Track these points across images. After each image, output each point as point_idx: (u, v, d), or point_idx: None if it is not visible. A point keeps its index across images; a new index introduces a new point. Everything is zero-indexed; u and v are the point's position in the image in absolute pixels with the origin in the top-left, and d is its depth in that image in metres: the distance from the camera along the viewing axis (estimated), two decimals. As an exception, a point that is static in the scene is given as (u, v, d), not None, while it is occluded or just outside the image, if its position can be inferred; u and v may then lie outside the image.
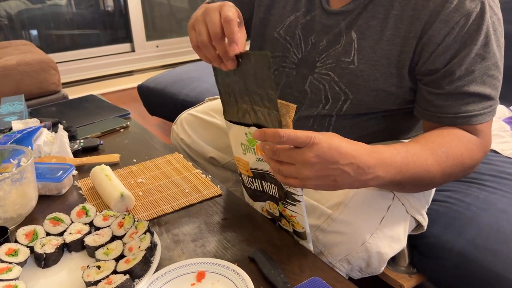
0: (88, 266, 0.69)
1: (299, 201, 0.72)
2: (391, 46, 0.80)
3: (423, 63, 0.79)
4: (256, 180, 0.81)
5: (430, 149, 0.75)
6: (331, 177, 0.65)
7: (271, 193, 0.79)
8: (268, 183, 0.78)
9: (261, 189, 0.82)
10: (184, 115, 1.30)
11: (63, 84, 2.29)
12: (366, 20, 0.82)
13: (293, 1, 0.93)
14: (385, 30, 0.80)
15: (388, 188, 0.81)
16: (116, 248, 0.73)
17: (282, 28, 0.93)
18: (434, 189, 0.98)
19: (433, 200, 0.98)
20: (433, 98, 0.80)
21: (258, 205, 0.86)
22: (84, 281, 0.66)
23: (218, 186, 0.97)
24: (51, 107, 1.68)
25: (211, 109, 1.27)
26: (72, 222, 0.81)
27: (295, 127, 0.77)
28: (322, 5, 0.88)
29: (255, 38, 1.00)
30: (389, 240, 0.82)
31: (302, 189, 0.71)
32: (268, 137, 0.64)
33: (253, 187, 0.84)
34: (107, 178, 0.93)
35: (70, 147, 1.13)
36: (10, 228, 0.78)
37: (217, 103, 1.28)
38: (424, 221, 0.89)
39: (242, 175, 0.86)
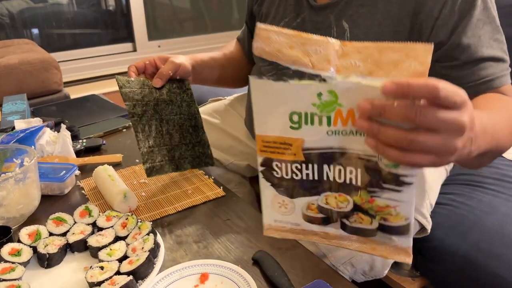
0: (91, 266, 0.69)
1: (409, 184, 0.53)
2: (383, 28, 0.81)
3: (427, 39, 0.79)
4: (311, 165, 0.59)
5: (497, 112, 0.68)
6: (465, 149, 0.51)
7: (341, 181, 0.58)
8: (340, 167, 0.57)
9: (316, 178, 0.59)
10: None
11: (64, 83, 2.28)
12: (356, 9, 0.83)
13: (282, 10, 0.94)
14: (376, 14, 0.81)
15: (473, 161, 0.65)
16: (119, 248, 0.73)
17: None
18: (438, 192, 0.98)
19: (436, 203, 0.98)
20: (449, 72, 0.80)
21: (299, 203, 0.62)
22: (87, 282, 0.66)
23: (221, 187, 0.97)
24: (53, 106, 1.68)
25: (213, 110, 1.27)
26: (75, 222, 0.81)
27: None
28: (309, 3, 0.88)
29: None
30: (393, 243, 0.81)
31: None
32: (414, 92, 0.45)
33: (298, 177, 0.60)
34: (110, 179, 0.93)
35: (72, 147, 1.13)
36: (13, 228, 0.78)
37: (219, 104, 1.28)
38: (428, 224, 0.89)
39: (274, 163, 0.61)
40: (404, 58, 0.49)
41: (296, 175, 0.60)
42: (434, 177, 0.96)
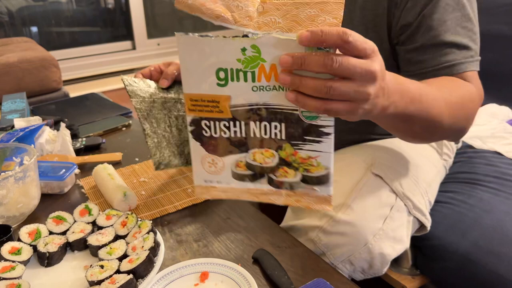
0: (91, 265, 0.69)
1: (328, 134, 0.57)
2: (364, 12, 0.82)
3: (397, 22, 0.80)
4: (238, 122, 0.61)
5: (436, 87, 0.71)
6: (377, 98, 0.55)
7: (267, 136, 0.61)
8: (265, 123, 0.60)
9: (243, 135, 0.62)
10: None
11: (64, 81, 2.28)
12: None
13: None
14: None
15: (398, 122, 0.69)
16: (119, 247, 0.73)
17: None
18: (437, 190, 0.98)
19: (436, 201, 0.98)
20: (410, 56, 0.81)
21: (228, 161, 0.65)
22: (88, 281, 0.65)
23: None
24: (52, 105, 1.68)
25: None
26: (75, 221, 0.81)
27: None
28: None
29: None
30: (392, 241, 0.82)
31: (334, 118, 0.57)
32: (327, 38, 0.50)
33: (226, 135, 0.63)
34: (110, 177, 0.93)
35: (72, 145, 1.13)
36: (13, 227, 0.78)
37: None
38: (428, 222, 0.89)
39: (203, 122, 0.63)
40: (319, 12, 0.52)
41: (225, 133, 0.62)
42: (433, 175, 0.96)
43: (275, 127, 0.59)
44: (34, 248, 0.74)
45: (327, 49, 0.52)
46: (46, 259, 0.72)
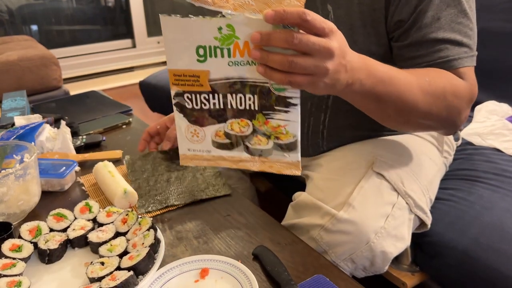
0: (92, 262, 0.69)
1: (295, 105, 0.64)
2: (362, 7, 0.83)
3: (391, 17, 0.81)
4: (217, 95, 0.67)
5: (414, 74, 0.75)
6: (338, 73, 0.61)
7: (242, 107, 0.67)
8: (240, 95, 0.66)
9: (221, 107, 0.68)
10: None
11: (64, 79, 2.28)
12: None
13: None
14: None
15: (369, 103, 0.73)
16: (119, 244, 0.73)
17: None
18: (437, 187, 0.98)
19: (436, 199, 0.98)
20: (404, 52, 0.81)
21: (209, 131, 0.71)
22: (88, 277, 0.66)
23: (224, 185, 0.96)
24: (52, 103, 1.68)
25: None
26: (76, 218, 0.81)
27: None
28: None
29: None
30: (393, 239, 0.82)
31: (299, 91, 0.63)
32: (288, 16, 0.56)
33: (206, 107, 0.69)
34: (110, 175, 0.93)
35: (72, 143, 1.13)
36: (13, 224, 0.78)
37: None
38: (428, 219, 0.89)
39: (186, 95, 0.69)
40: None
41: (205, 104, 0.69)
42: (434, 173, 0.96)
43: (249, 99, 0.66)
44: (35, 245, 0.74)
45: (292, 28, 0.58)
46: (46, 256, 0.72)
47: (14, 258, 0.70)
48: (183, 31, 0.63)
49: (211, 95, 0.67)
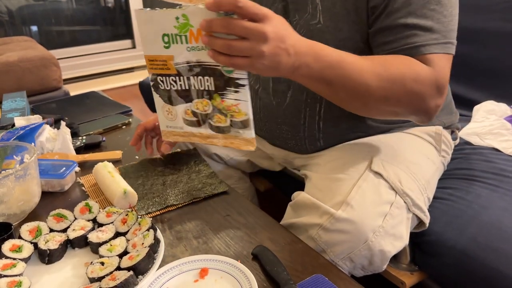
0: (91, 262, 0.69)
1: (243, 85, 0.71)
2: None
3: (367, 2, 0.82)
4: (182, 77, 0.77)
5: (370, 60, 0.77)
6: (278, 56, 0.67)
7: (202, 88, 0.75)
8: (200, 77, 0.74)
9: (187, 88, 0.77)
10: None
11: (64, 80, 2.28)
12: None
13: None
14: None
15: (320, 86, 0.77)
16: (119, 244, 0.73)
17: None
18: (435, 186, 0.98)
19: (434, 198, 0.98)
20: (377, 38, 0.83)
21: (179, 109, 0.81)
22: (88, 277, 0.66)
23: (222, 183, 0.97)
24: (52, 103, 1.69)
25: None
26: (76, 218, 0.81)
27: (289, 103, 0.87)
28: None
29: None
30: (391, 238, 0.82)
31: (247, 73, 0.70)
32: (223, 3, 0.64)
33: (175, 88, 0.79)
34: (110, 175, 0.93)
35: (72, 143, 1.13)
36: (13, 224, 0.79)
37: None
38: (426, 218, 0.89)
39: (158, 77, 0.79)
40: None
41: (173, 86, 0.78)
42: (432, 172, 0.96)
43: (207, 80, 0.74)
44: (35, 245, 0.75)
45: (232, 14, 0.65)
46: (47, 257, 0.73)
47: (14, 259, 0.71)
48: (152, 22, 0.73)
49: (177, 77, 0.77)
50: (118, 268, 0.67)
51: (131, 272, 0.64)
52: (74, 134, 1.23)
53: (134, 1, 3.39)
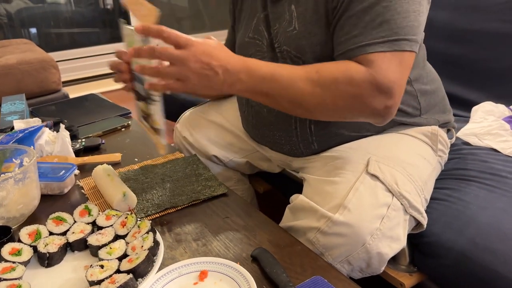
0: (91, 265, 0.69)
1: (155, 101, 0.83)
2: (316, 1, 0.86)
3: (330, 4, 0.83)
4: (135, 80, 0.87)
5: (303, 69, 0.81)
6: (206, 77, 0.75)
7: (141, 93, 0.86)
8: (138, 83, 0.86)
9: (136, 90, 0.88)
10: (187, 114, 1.31)
11: (63, 82, 2.28)
12: None
13: (253, 6, 1.02)
14: None
15: (260, 98, 0.83)
16: (119, 247, 0.74)
17: (250, 31, 1.02)
18: (432, 187, 0.98)
19: (433, 199, 0.99)
20: (333, 38, 0.84)
21: (137, 106, 0.92)
22: (88, 280, 0.66)
23: (221, 185, 0.97)
24: (51, 106, 1.69)
25: (214, 108, 1.27)
26: (75, 221, 0.82)
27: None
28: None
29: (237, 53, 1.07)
30: (389, 240, 0.82)
31: (160, 94, 0.81)
32: (151, 31, 0.73)
33: (135, 88, 0.89)
34: (109, 178, 0.94)
35: (71, 146, 1.14)
36: (13, 228, 0.79)
37: (219, 103, 1.29)
38: (424, 219, 0.90)
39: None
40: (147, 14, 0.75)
41: (134, 86, 0.88)
42: (429, 173, 0.96)
43: (140, 88, 0.84)
44: (35, 248, 0.75)
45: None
46: (46, 260, 0.73)
47: (13, 262, 0.71)
48: (125, 35, 0.85)
49: (134, 81, 0.87)
50: (118, 271, 0.67)
51: (131, 275, 0.65)
52: (73, 137, 1.23)
53: (133, 3, 3.40)
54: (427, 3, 0.84)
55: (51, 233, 0.79)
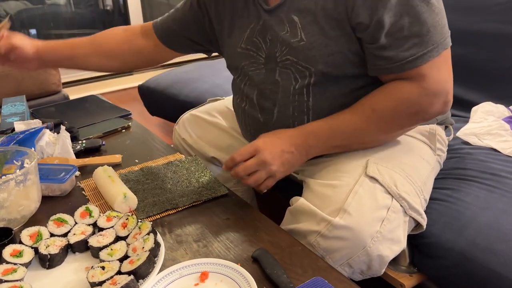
0: (92, 266, 0.70)
1: None
2: (326, 12, 0.85)
3: (349, 17, 0.83)
4: None
5: (355, 110, 0.88)
6: (287, 161, 0.87)
7: None
8: None
9: None
10: (186, 115, 1.31)
11: (63, 84, 2.28)
12: (300, 1, 0.88)
13: (247, 18, 0.99)
14: (318, 1, 0.86)
15: (333, 151, 0.92)
16: (120, 248, 0.74)
17: (242, 42, 1.00)
18: (431, 187, 0.98)
19: (433, 199, 0.99)
20: (378, 52, 0.85)
21: None
22: (89, 282, 0.66)
23: (221, 187, 0.97)
24: (52, 107, 1.69)
25: (213, 109, 1.27)
26: (76, 223, 0.82)
27: (277, 119, 0.96)
28: (263, 8, 0.95)
29: (228, 63, 1.10)
30: (389, 242, 0.82)
31: None
32: (229, 165, 0.89)
33: None
34: (110, 179, 0.94)
35: (72, 148, 1.14)
36: (14, 229, 0.79)
37: (219, 104, 1.29)
38: (423, 220, 0.90)
39: None
40: None
41: None
42: (428, 173, 0.96)
43: None
44: (36, 250, 0.75)
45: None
46: (47, 261, 0.73)
47: (15, 264, 0.71)
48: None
49: None
50: (119, 273, 0.68)
51: (132, 277, 0.65)
52: (74, 138, 1.24)
53: (133, 4, 3.40)
54: None
55: (52, 235, 0.79)
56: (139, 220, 0.79)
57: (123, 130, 1.37)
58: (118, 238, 0.77)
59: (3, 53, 1.03)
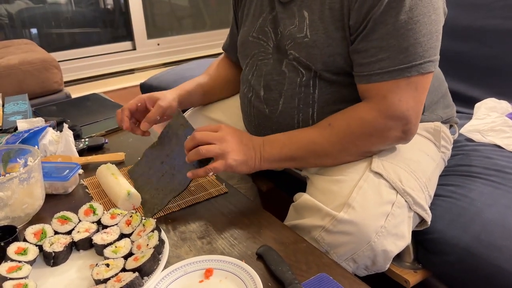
0: (97, 264, 0.69)
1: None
2: (333, 13, 0.85)
3: (348, 20, 0.83)
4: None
5: (315, 126, 0.89)
6: (242, 150, 0.86)
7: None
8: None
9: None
10: (189, 112, 1.31)
11: (65, 82, 2.28)
12: None
13: (259, 7, 1.02)
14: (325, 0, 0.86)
15: (288, 164, 0.91)
16: (124, 246, 0.74)
17: (254, 31, 1.02)
18: (436, 183, 0.98)
19: (437, 195, 0.98)
20: (355, 57, 0.85)
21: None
22: (94, 279, 0.66)
23: (224, 184, 0.97)
24: (54, 106, 1.69)
25: (215, 106, 1.27)
26: (80, 220, 0.82)
27: (282, 110, 0.97)
28: (279, 0, 0.96)
29: (239, 51, 1.11)
30: (394, 237, 0.82)
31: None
32: (189, 146, 0.87)
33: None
34: (114, 177, 0.94)
35: (75, 146, 1.14)
36: (18, 227, 0.79)
37: (221, 101, 1.29)
38: (428, 216, 0.90)
39: None
40: None
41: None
42: (432, 169, 0.96)
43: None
44: (40, 248, 0.75)
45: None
46: (52, 259, 0.73)
47: (19, 261, 0.71)
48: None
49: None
50: (124, 270, 0.68)
51: (137, 274, 0.65)
52: (77, 137, 1.24)
53: (134, 2, 3.40)
54: (444, 16, 0.86)
55: (56, 232, 0.79)
56: (143, 218, 0.79)
57: (126, 128, 1.36)
58: (122, 236, 0.77)
59: (158, 119, 1.07)
